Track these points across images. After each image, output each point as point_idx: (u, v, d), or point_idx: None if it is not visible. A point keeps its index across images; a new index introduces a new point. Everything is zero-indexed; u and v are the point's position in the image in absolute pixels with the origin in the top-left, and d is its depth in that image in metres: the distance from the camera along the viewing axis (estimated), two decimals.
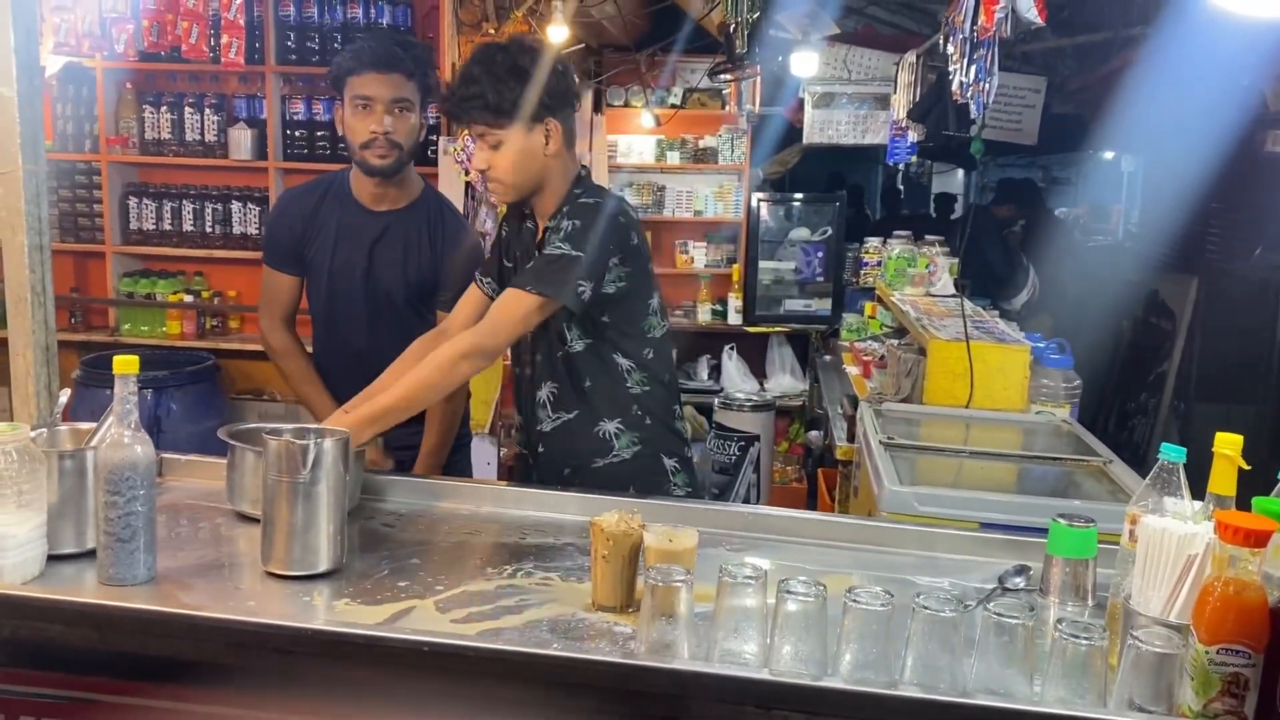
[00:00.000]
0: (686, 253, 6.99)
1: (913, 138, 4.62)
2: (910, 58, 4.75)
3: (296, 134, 4.90)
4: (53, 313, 2.05)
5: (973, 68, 2.76)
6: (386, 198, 2.56)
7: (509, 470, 4.24)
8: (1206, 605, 1.21)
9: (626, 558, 1.58)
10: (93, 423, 1.78)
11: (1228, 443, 1.33)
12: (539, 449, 2.28)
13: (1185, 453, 1.44)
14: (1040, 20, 2.51)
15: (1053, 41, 5.51)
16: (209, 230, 5.01)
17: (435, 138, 4.59)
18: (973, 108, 2.84)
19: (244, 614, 1.50)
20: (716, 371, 6.84)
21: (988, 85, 2.71)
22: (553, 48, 4.19)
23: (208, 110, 4.93)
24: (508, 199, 2.20)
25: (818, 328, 6.73)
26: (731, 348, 6.74)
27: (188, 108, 4.93)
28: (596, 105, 6.80)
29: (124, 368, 1.56)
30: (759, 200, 6.86)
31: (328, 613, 1.56)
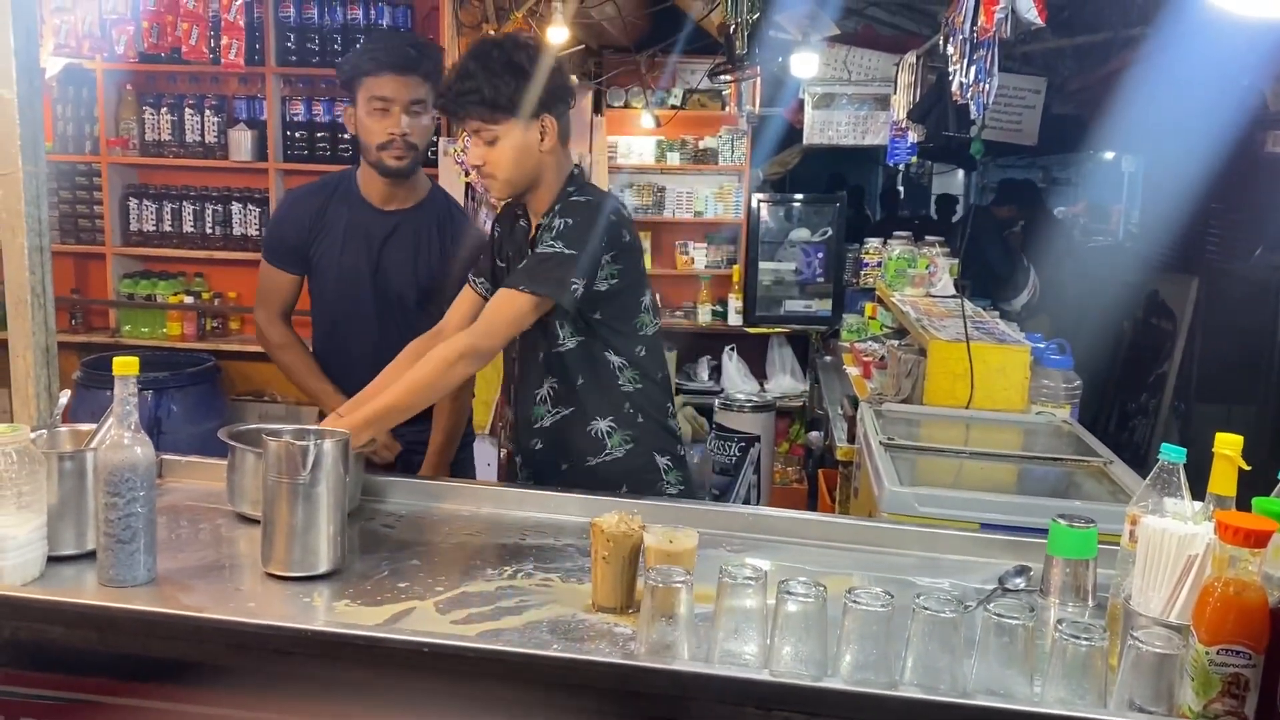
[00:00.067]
0: (687, 254, 6.99)
1: (913, 138, 4.62)
2: (910, 58, 4.75)
3: (297, 135, 4.90)
4: (53, 314, 2.05)
5: (973, 68, 2.76)
6: (396, 197, 2.57)
7: (508, 471, 4.24)
8: (1207, 606, 1.21)
9: (627, 559, 1.58)
10: (93, 424, 1.78)
11: (1228, 443, 1.33)
12: (535, 445, 2.28)
13: (1185, 453, 1.44)
14: (1040, 21, 2.51)
15: (1052, 42, 5.51)
16: (209, 231, 5.01)
17: (435, 138, 4.58)
18: (973, 108, 2.84)
19: (244, 615, 1.50)
20: (717, 372, 6.84)
21: (988, 86, 2.71)
22: (548, 45, 4.21)
23: (208, 111, 4.93)
24: (502, 195, 2.20)
25: (818, 328, 6.73)
26: (732, 348, 6.74)
27: (188, 109, 4.93)
28: (596, 106, 6.79)
29: (124, 369, 1.56)
30: (759, 201, 6.87)
31: (328, 614, 1.56)
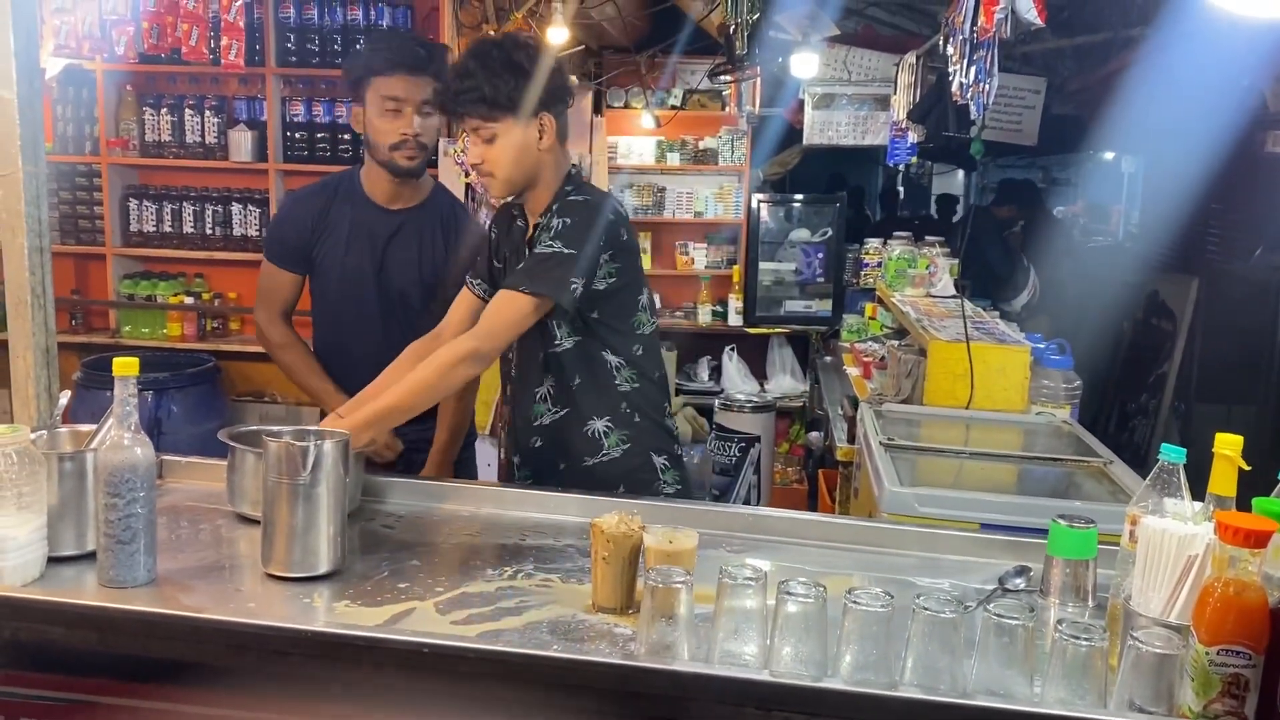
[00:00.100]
0: (687, 254, 6.99)
1: (913, 139, 4.62)
2: (910, 59, 4.75)
3: (297, 136, 4.90)
4: (53, 315, 2.05)
5: (972, 69, 2.76)
6: (401, 196, 2.58)
7: (507, 471, 4.23)
8: (1206, 606, 1.21)
9: (627, 559, 1.58)
10: (93, 425, 1.78)
11: (1228, 443, 1.33)
12: (535, 443, 2.28)
13: (1185, 453, 1.44)
14: (1040, 21, 2.51)
15: (1052, 42, 5.51)
16: (209, 232, 5.02)
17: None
18: (973, 109, 2.84)
19: (244, 616, 1.50)
20: (717, 373, 6.84)
21: (987, 86, 2.71)
22: (547, 44, 4.21)
23: (208, 112, 4.94)
24: (501, 194, 2.21)
25: (818, 329, 6.73)
26: (732, 349, 6.74)
27: (188, 110, 4.93)
28: (596, 107, 6.79)
29: (123, 370, 1.56)
30: (759, 201, 6.86)
31: (328, 614, 1.56)
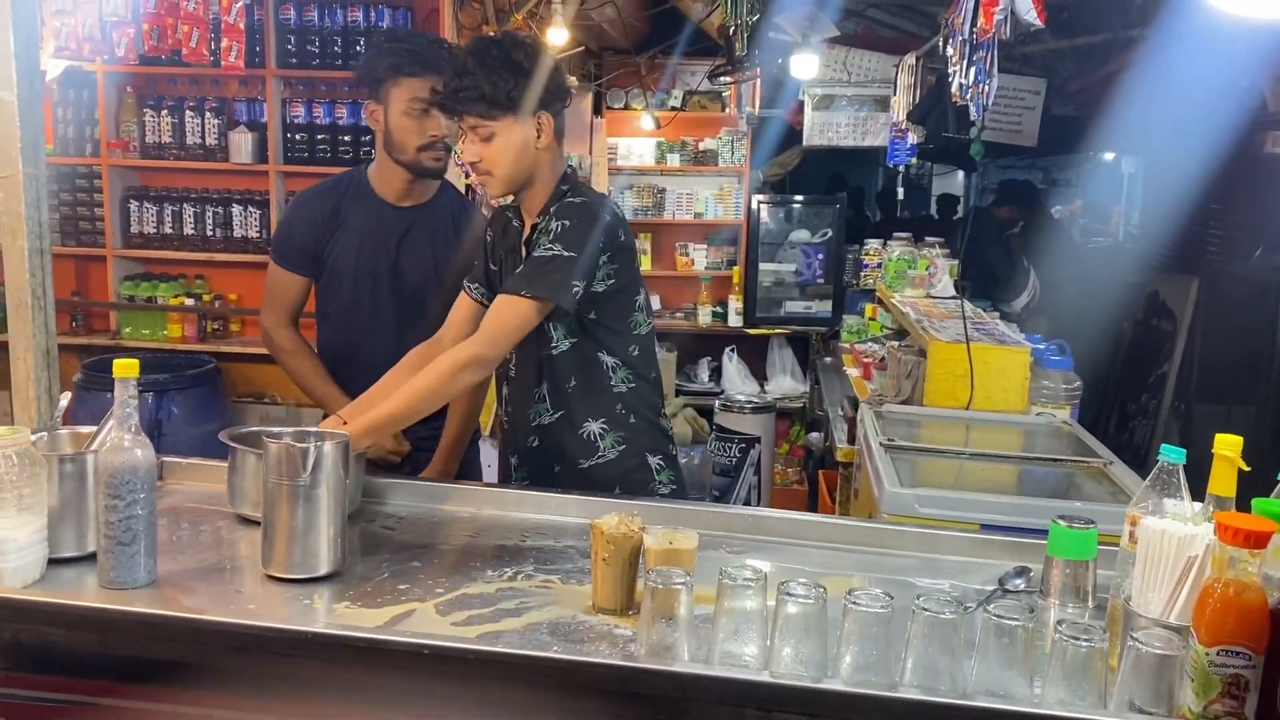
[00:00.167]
0: (687, 255, 6.99)
1: (912, 140, 4.62)
2: (910, 60, 4.76)
3: (297, 137, 4.90)
4: (53, 316, 2.05)
5: (972, 69, 2.76)
6: (413, 193, 2.59)
7: (504, 472, 4.23)
8: (1206, 607, 1.21)
9: (627, 560, 1.58)
10: (93, 426, 1.78)
11: (1227, 444, 1.33)
12: (533, 443, 2.28)
13: (1185, 454, 1.44)
14: (1039, 22, 2.51)
15: (1052, 43, 5.51)
16: (210, 234, 5.01)
17: None
18: (972, 109, 2.84)
19: (244, 617, 1.50)
20: (717, 373, 6.84)
21: (987, 87, 2.71)
22: (545, 43, 4.21)
23: (208, 114, 4.93)
24: (498, 192, 2.20)
25: (818, 329, 6.73)
26: (732, 350, 6.74)
27: (188, 111, 4.93)
28: (596, 108, 6.80)
29: (124, 371, 1.56)
30: (759, 202, 6.87)
31: (328, 616, 1.56)
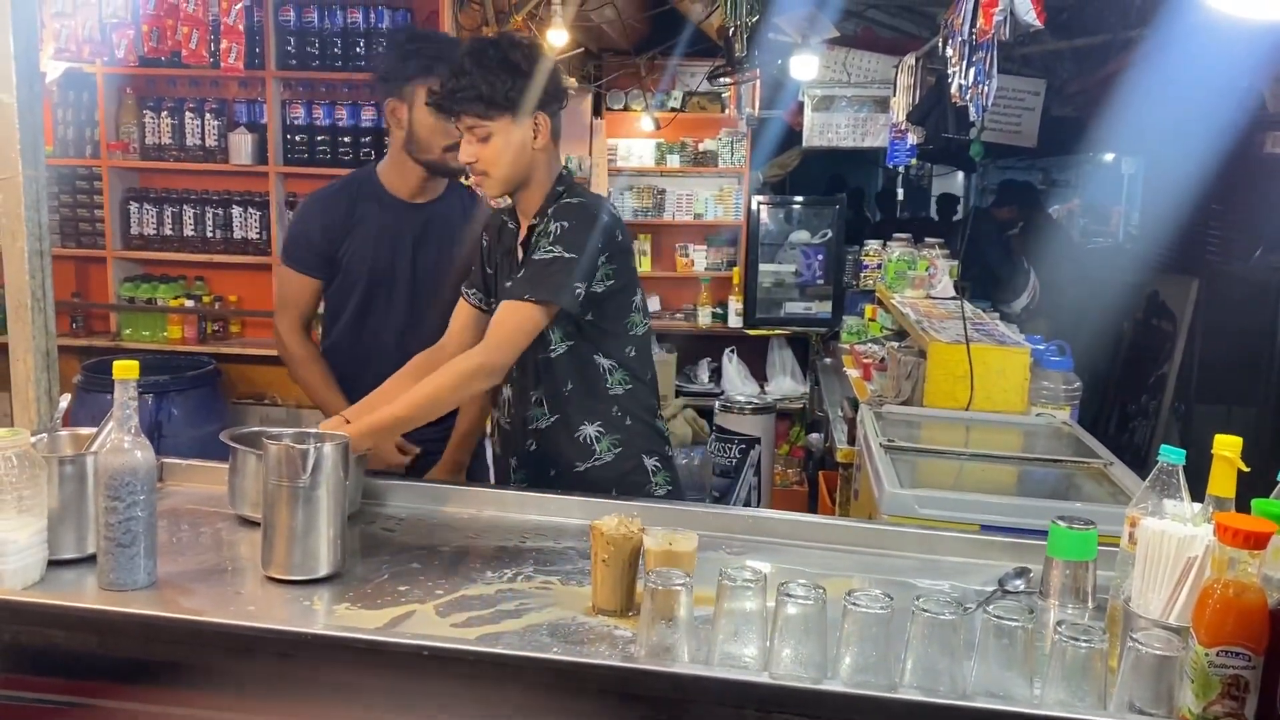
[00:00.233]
0: (687, 256, 7.00)
1: (912, 140, 4.62)
2: (909, 60, 4.76)
3: (297, 139, 4.90)
4: (53, 318, 2.06)
5: (972, 70, 2.76)
6: (427, 190, 2.60)
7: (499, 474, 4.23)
8: (1206, 607, 1.21)
9: (626, 561, 1.58)
10: (93, 428, 1.78)
11: (1227, 445, 1.33)
12: (530, 446, 2.28)
13: (1185, 455, 1.44)
14: (1038, 23, 2.51)
15: (1051, 44, 5.51)
16: (210, 235, 5.02)
17: None
18: (972, 110, 2.84)
19: (244, 619, 1.50)
20: (717, 374, 6.84)
21: (987, 88, 2.71)
22: (542, 44, 4.21)
23: (208, 115, 4.94)
24: (494, 193, 2.21)
25: (818, 330, 6.73)
26: (732, 350, 6.74)
27: (188, 113, 4.93)
28: (596, 109, 6.80)
29: (123, 373, 1.56)
30: (759, 203, 6.87)
31: (328, 617, 1.56)
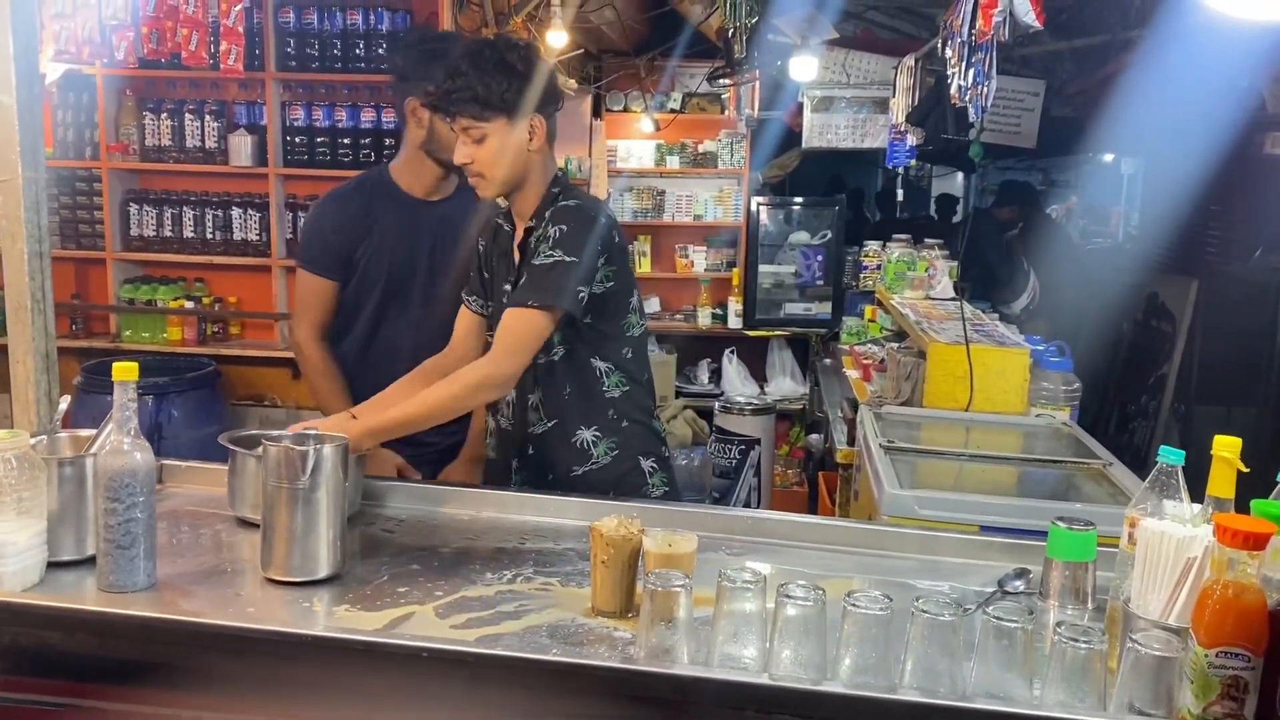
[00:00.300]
0: (686, 257, 7.00)
1: (912, 141, 4.62)
2: (909, 61, 4.76)
3: (297, 140, 4.90)
4: (53, 319, 2.06)
5: (971, 71, 2.76)
6: (440, 188, 2.63)
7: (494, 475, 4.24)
8: (1205, 608, 1.21)
9: (626, 563, 1.58)
10: (93, 429, 1.78)
11: (1226, 445, 1.33)
12: (529, 450, 2.28)
13: (1184, 455, 1.44)
14: (1038, 23, 2.51)
15: (1051, 45, 5.51)
16: (210, 236, 5.01)
17: None
18: (971, 111, 2.84)
19: (243, 620, 1.50)
20: (717, 375, 6.85)
21: (986, 88, 2.71)
22: (539, 46, 4.21)
23: (208, 117, 4.94)
24: (489, 194, 2.21)
25: (818, 331, 6.73)
26: (732, 351, 6.75)
27: (188, 114, 4.93)
28: (596, 110, 6.80)
29: (123, 374, 1.56)
30: (759, 204, 6.87)
31: (327, 619, 1.56)
